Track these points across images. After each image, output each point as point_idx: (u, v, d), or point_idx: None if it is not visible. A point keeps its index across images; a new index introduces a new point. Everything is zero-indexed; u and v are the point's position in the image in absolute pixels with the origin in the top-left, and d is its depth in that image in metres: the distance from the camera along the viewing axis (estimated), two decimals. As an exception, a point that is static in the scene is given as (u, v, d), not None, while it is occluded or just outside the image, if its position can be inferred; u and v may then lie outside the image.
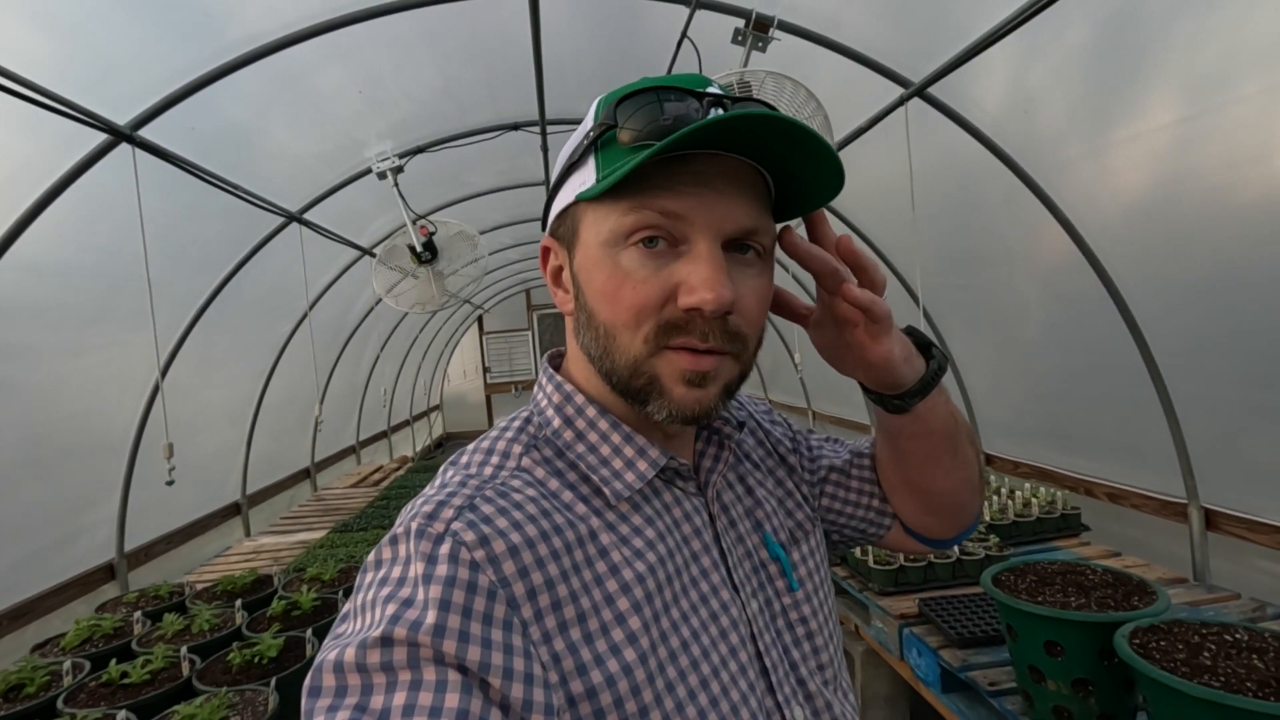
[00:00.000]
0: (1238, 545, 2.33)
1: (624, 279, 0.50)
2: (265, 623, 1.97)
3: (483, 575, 0.44)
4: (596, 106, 0.54)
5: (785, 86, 1.97)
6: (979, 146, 2.50)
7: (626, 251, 0.50)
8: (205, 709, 1.42)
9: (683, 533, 0.57)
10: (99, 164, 2.12)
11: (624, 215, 0.49)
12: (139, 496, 3.10)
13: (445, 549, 0.44)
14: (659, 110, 0.49)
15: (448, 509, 0.47)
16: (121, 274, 2.60)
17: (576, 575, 0.48)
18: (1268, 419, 2.11)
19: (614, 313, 0.51)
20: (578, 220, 0.54)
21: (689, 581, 0.55)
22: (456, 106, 3.21)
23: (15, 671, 1.71)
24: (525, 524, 0.48)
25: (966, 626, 1.91)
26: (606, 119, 0.51)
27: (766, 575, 0.62)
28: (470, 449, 0.57)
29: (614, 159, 0.50)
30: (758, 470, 0.70)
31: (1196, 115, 1.87)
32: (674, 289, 0.49)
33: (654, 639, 0.49)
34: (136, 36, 1.96)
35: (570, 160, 0.54)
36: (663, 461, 0.56)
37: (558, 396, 0.58)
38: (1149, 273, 2.31)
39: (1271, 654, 1.18)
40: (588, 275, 0.53)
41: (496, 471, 0.53)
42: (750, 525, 0.64)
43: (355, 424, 6.43)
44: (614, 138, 0.51)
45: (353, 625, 0.43)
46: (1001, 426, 3.55)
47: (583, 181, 0.53)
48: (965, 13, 2.04)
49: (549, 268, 0.59)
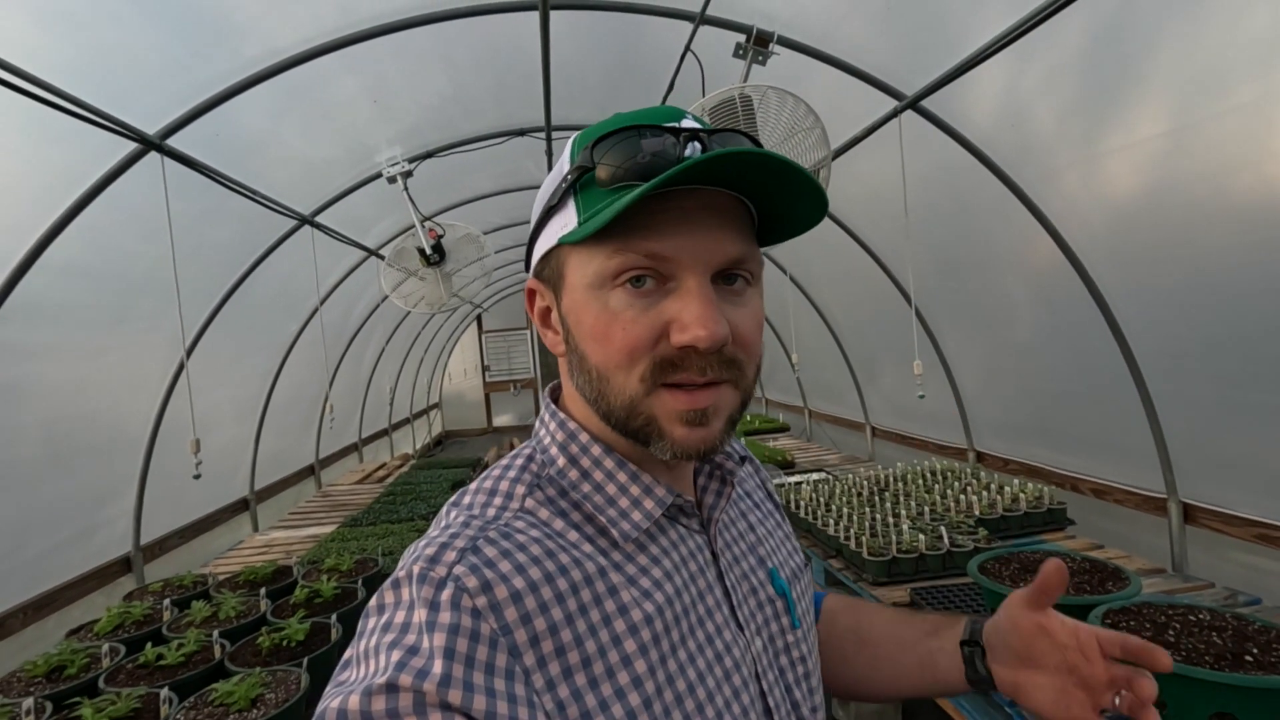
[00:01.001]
0: (1214, 538, 2.45)
1: (613, 320, 0.49)
2: (289, 609, 2.07)
3: (484, 623, 0.43)
4: (572, 147, 0.54)
5: (786, 101, 2.07)
6: (970, 156, 2.61)
7: (614, 292, 0.49)
8: (242, 686, 1.52)
9: (689, 570, 0.56)
10: (127, 172, 2.21)
11: (609, 257, 0.49)
12: (153, 492, 3.19)
13: (447, 595, 0.44)
14: (636, 148, 0.48)
15: (450, 551, 0.46)
16: (142, 276, 2.69)
17: (583, 617, 0.48)
18: (1243, 417, 2.23)
19: (606, 354, 0.50)
20: (562, 263, 0.53)
21: (695, 622, 0.54)
22: (464, 113, 3.31)
23: (56, 654, 1.81)
24: (529, 566, 0.47)
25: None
26: (584, 161, 0.50)
27: (772, 612, 0.62)
28: (473, 488, 0.56)
29: (594, 201, 0.50)
30: (758, 509, 0.70)
31: (1176, 129, 1.98)
32: (665, 327, 0.48)
33: (659, 683, 0.49)
34: (166, 49, 2.06)
35: (549, 203, 0.54)
36: (669, 500, 0.55)
37: (561, 435, 0.57)
38: (1131, 278, 2.42)
39: (1230, 631, 1.29)
40: (576, 318, 0.52)
41: (500, 513, 0.52)
42: (754, 561, 0.63)
43: (358, 422, 6.52)
44: (592, 179, 0.50)
45: (356, 673, 0.42)
46: (991, 424, 3.67)
47: (564, 224, 0.52)
48: (957, 29, 2.15)
49: (536, 309, 0.58)
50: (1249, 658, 1.20)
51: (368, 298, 5.32)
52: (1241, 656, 1.20)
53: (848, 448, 5.28)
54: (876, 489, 3.23)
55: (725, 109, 2.05)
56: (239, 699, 1.50)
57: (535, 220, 0.57)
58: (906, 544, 2.41)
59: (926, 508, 2.84)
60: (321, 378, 4.68)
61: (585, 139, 0.52)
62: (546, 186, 0.56)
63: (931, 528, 2.56)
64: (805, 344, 5.32)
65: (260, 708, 1.51)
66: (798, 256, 4.77)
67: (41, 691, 1.69)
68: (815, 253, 4.45)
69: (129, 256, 2.62)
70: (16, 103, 1.68)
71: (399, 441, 8.08)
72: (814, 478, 3.69)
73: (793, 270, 4.93)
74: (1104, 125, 2.17)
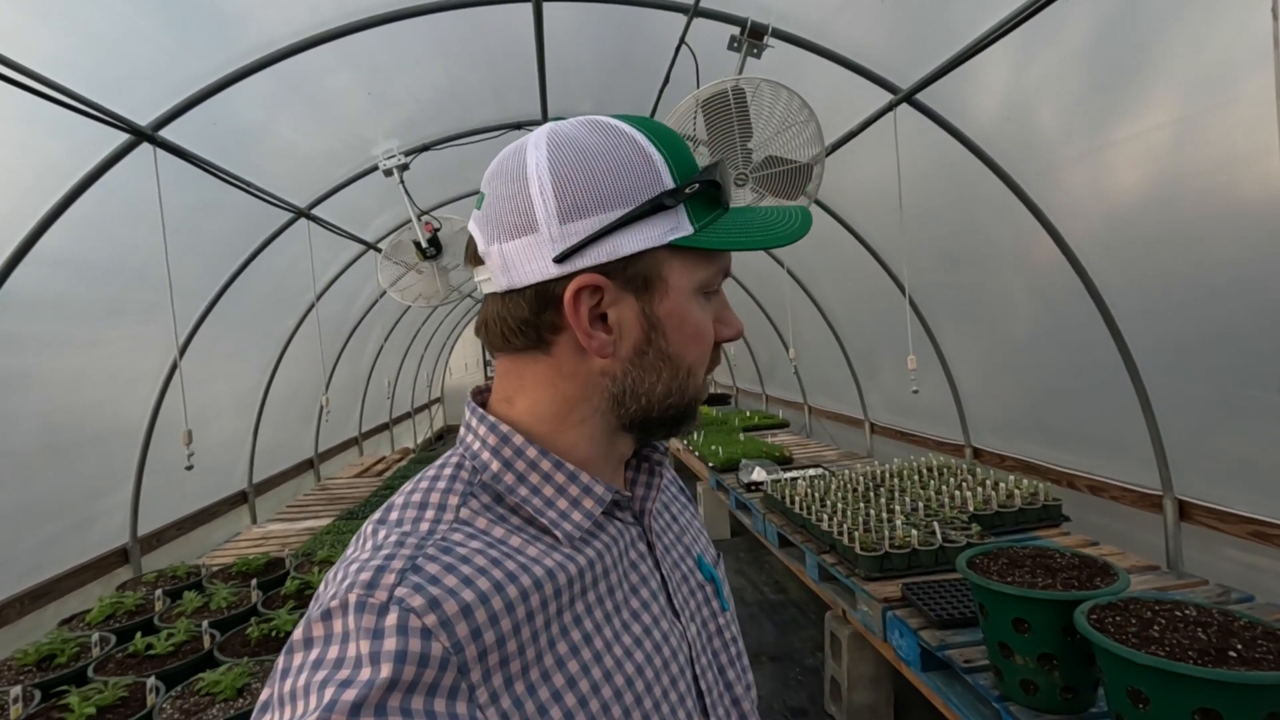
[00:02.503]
0: (1209, 535, 2.44)
1: (703, 322, 0.57)
2: (280, 601, 2.07)
3: (435, 642, 0.41)
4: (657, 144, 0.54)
5: (780, 94, 2.06)
6: (967, 152, 2.60)
7: (700, 298, 0.56)
8: (229, 677, 1.52)
9: (629, 560, 0.58)
10: (119, 163, 2.21)
11: (714, 269, 0.57)
12: (151, 484, 3.20)
13: (392, 620, 0.41)
14: (725, 174, 0.57)
15: (388, 574, 0.44)
16: (137, 269, 2.70)
17: (529, 623, 0.47)
18: (1240, 414, 2.21)
19: (701, 352, 0.57)
20: (659, 264, 0.54)
21: (630, 615, 0.55)
22: (461, 106, 3.31)
23: (47, 643, 1.82)
24: (476, 578, 0.46)
25: (945, 609, 2.01)
26: (708, 176, 0.55)
27: (703, 597, 0.64)
28: (399, 504, 0.53)
29: (704, 213, 0.55)
30: (676, 500, 0.73)
31: (1175, 123, 1.96)
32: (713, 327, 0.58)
33: (605, 670, 0.50)
34: (158, 40, 2.05)
35: (650, 204, 0.53)
36: (609, 497, 0.56)
37: (493, 438, 0.56)
38: (1130, 274, 2.41)
39: (1215, 627, 1.28)
40: (680, 320, 0.55)
41: (434, 525, 0.50)
42: (683, 550, 0.66)
43: (358, 416, 6.53)
44: (704, 193, 0.55)
45: (278, 715, 0.39)
46: (988, 421, 3.66)
47: (671, 228, 0.53)
48: (953, 21, 2.14)
49: (586, 308, 0.53)
50: (1233, 654, 1.19)
51: (368, 292, 5.33)
52: (1225, 653, 1.20)
53: (847, 444, 5.27)
54: (872, 485, 3.22)
55: (718, 101, 2.04)
56: (225, 689, 1.51)
57: (609, 220, 0.52)
58: (899, 540, 2.41)
59: (921, 504, 2.84)
60: (320, 371, 4.69)
61: (671, 140, 0.55)
62: (625, 184, 0.52)
63: (925, 523, 2.55)
64: (804, 340, 5.30)
65: (247, 697, 1.51)
66: (796, 251, 4.75)
67: (31, 680, 1.69)
68: (814, 248, 4.43)
69: (126, 249, 2.62)
70: (6, 93, 1.68)
71: (400, 436, 8.10)
72: (810, 473, 3.68)
73: (791, 265, 4.91)
74: (1103, 120, 2.15)
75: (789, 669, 3.13)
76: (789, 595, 3.97)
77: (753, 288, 6.12)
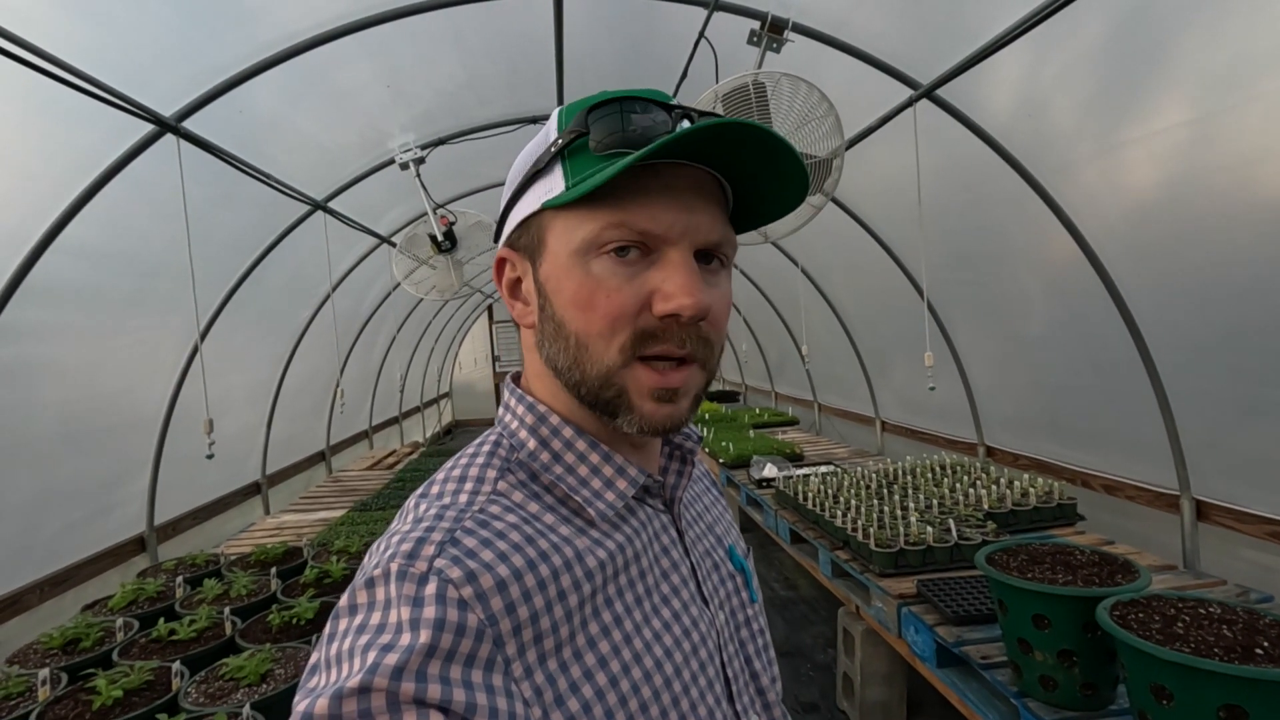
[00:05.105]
0: (1227, 535, 2.42)
1: (596, 287, 0.49)
2: (299, 589, 2.09)
3: (471, 614, 0.42)
4: (560, 115, 0.54)
5: (800, 88, 2.05)
6: (986, 147, 2.58)
7: (599, 260, 0.49)
8: (253, 661, 1.54)
9: (659, 545, 0.57)
10: (144, 154, 2.23)
11: (597, 224, 0.49)
12: (167, 474, 3.23)
13: (431, 589, 0.42)
14: (630, 119, 0.49)
15: (428, 545, 0.45)
16: (156, 259, 2.72)
17: (562, 602, 0.47)
18: (1258, 414, 2.20)
19: (587, 321, 0.50)
20: (543, 229, 0.53)
21: (661, 599, 0.55)
22: (477, 99, 3.31)
23: (72, 627, 1.84)
24: (511, 554, 0.47)
25: (961, 605, 2.01)
26: (577, 125, 0.51)
27: (733, 586, 0.64)
28: (440, 478, 0.54)
29: (584, 167, 0.50)
30: (709, 493, 0.73)
31: (1197, 120, 1.95)
32: (648, 297, 0.49)
33: (635, 653, 0.50)
34: (182, 32, 2.07)
35: (534, 169, 0.53)
36: (641, 479, 0.56)
37: (530, 418, 0.57)
38: (1148, 273, 2.39)
39: (1240, 625, 1.28)
40: (557, 284, 0.52)
41: (473, 498, 0.51)
42: (714, 540, 0.66)
43: (369, 409, 6.57)
44: (583, 145, 0.51)
45: (325, 677, 0.40)
46: (1003, 419, 3.64)
47: (549, 189, 0.52)
48: (974, 17, 2.13)
49: (505, 280, 0.57)
50: (1259, 651, 1.19)
51: (379, 285, 5.35)
52: (1252, 650, 1.19)
53: (857, 442, 5.26)
54: (885, 482, 3.22)
55: (738, 95, 2.04)
56: (249, 674, 1.53)
57: (514, 188, 0.56)
58: (914, 536, 2.41)
59: (935, 501, 2.83)
60: (333, 364, 4.71)
61: (577, 107, 0.52)
62: (529, 154, 0.55)
63: (939, 521, 2.55)
64: (816, 337, 5.29)
65: (270, 682, 1.53)
66: (809, 248, 4.74)
67: (57, 663, 1.72)
68: (827, 244, 4.42)
69: (145, 240, 2.64)
70: (35, 81, 1.70)
71: (409, 429, 8.14)
72: (822, 470, 3.68)
73: (804, 262, 4.90)
74: (1123, 116, 2.14)
75: (800, 665, 3.13)
76: (799, 592, 3.97)
77: (764, 284, 6.11)
